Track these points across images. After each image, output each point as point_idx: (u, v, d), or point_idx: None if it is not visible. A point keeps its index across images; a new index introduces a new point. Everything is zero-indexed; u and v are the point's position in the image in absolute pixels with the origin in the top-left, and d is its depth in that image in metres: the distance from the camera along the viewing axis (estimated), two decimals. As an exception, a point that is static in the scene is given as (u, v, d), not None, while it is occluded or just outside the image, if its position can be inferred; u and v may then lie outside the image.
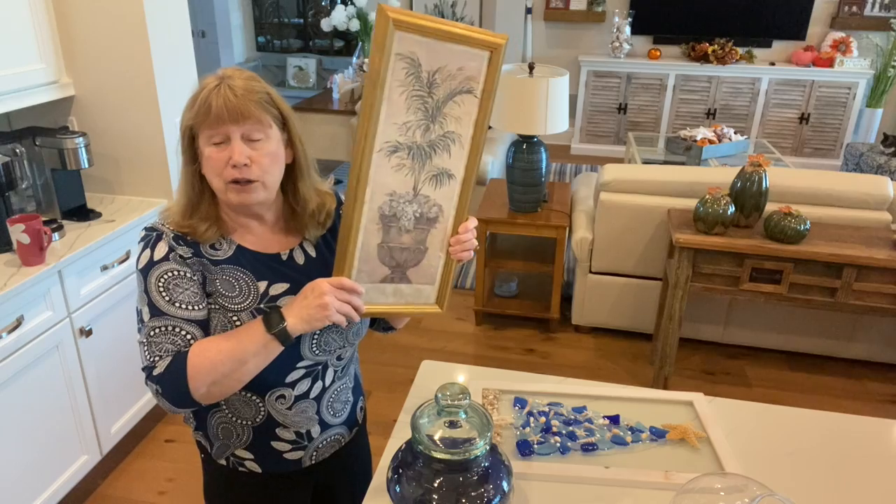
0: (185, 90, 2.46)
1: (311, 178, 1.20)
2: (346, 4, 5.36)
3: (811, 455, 1.31)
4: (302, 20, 7.41)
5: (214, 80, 1.08)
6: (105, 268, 2.20)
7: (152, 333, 1.08)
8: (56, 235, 2.10)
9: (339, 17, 5.05)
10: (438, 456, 1.02)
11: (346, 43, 7.26)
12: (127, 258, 2.29)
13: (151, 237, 1.13)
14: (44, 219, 2.04)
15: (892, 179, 2.89)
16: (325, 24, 5.15)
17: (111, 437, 2.32)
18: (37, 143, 2.21)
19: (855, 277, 2.46)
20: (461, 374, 1.54)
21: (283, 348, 1.07)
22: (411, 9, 6.34)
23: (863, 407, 2.81)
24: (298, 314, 1.05)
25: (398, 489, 1.06)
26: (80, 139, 2.20)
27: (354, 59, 5.36)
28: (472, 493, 1.02)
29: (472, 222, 1.18)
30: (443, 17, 6.34)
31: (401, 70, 1.03)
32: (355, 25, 5.12)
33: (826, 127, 5.84)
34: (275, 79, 7.46)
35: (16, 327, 1.87)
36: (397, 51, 1.01)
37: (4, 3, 2.02)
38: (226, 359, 1.05)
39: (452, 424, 1.05)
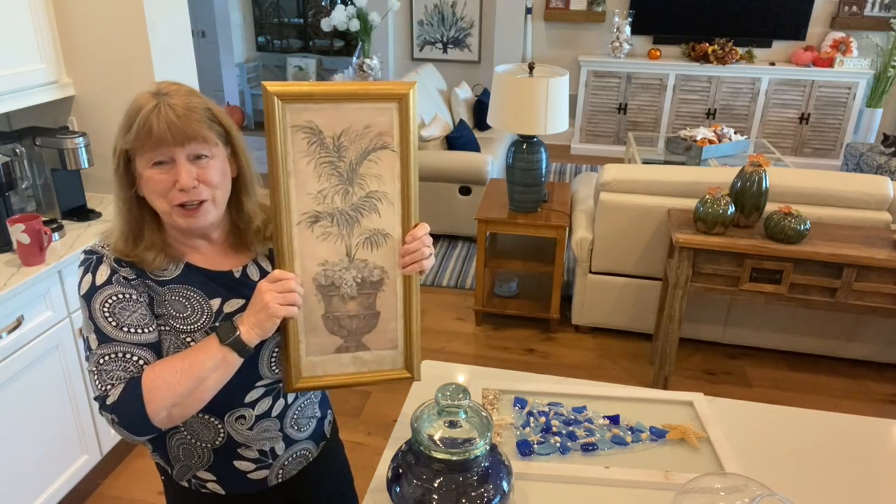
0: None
1: (255, 194, 1.15)
2: (346, 4, 5.36)
3: (811, 455, 1.31)
4: (302, 20, 7.40)
5: (151, 99, 1.01)
6: (105, 268, 2.20)
7: (101, 361, 1.02)
8: (56, 235, 2.10)
9: (339, 17, 5.05)
10: (438, 456, 1.02)
11: (346, 43, 7.26)
12: (127, 258, 2.29)
13: (92, 260, 1.07)
14: (44, 219, 2.04)
15: (892, 179, 2.89)
16: (325, 24, 5.15)
17: (111, 437, 2.32)
18: (37, 143, 2.21)
19: (855, 277, 2.46)
20: (461, 374, 1.54)
21: (241, 360, 1.04)
22: (411, 11, 6.33)
23: (863, 407, 2.81)
24: (249, 322, 1.03)
25: (398, 489, 1.06)
26: (80, 139, 2.20)
27: (354, 59, 5.36)
28: (472, 493, 1.02)
29: (421, 229, 1.11)
30: (443, 17, 6.34)
31: (301, 140, 1.01)
32: (355, 25, 5.12)
33: (826, 127, 5.84)
34: (275, 79, 7.46)
35: (16, 327, 1.87)
36: (292, 123, 1.00)
37: (4, 3, 2.02)
38: (183, 378, 1.00)
39: (452, 424, 1.05)
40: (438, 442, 1.03)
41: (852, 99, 5.69)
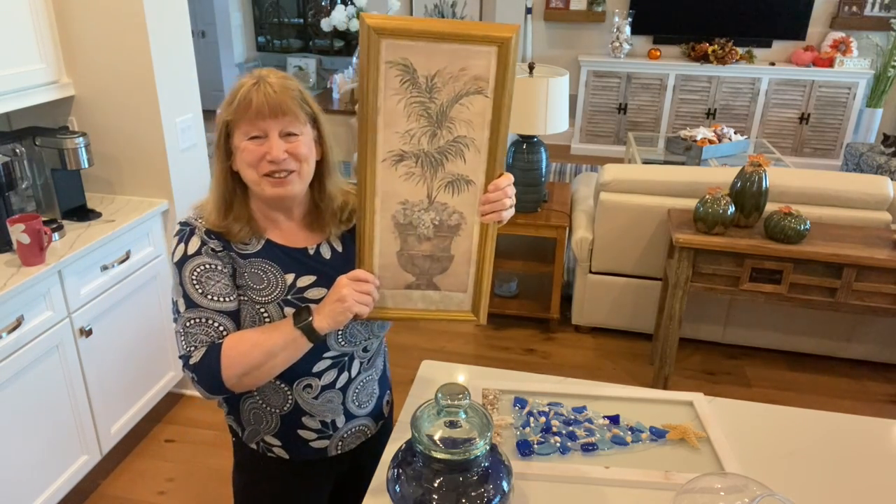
0: (185, 90, 2.46)
1: (336, 177, 1.24)
2: (346, 4, 5.36)
3: (811, 455, 1.31)
4: (302, 20, 7.41)
5: (251, 79, 1.11)
6: (105, 268, 2.20)
7: (188, 324, 1.14)
8: (56, 235, 2.10)
9: (339, 17, 5.05)
10: (438, 456, 1.02)
11: (346, 43, 7.26)
12: (127, 258, 2.29)
13: (185, 232, 1.18)
14: (44, 219, 2.04)
15: (892, 179, 2.89)
16: (325, 24, 5.15)
17: (111, 437, 2.32)
18: (37, 143, 2.20)
19: (855, 277, 2.46)
20: (461, 374, 1.54)
21: (310, 345, 1.12)
22: (411, 10, 6.33)
23: (863, 407, 2.81)
24: (323, 311, 1.11)
25: (398, 489, 1.06)
26: (80, 139, 2.20)
27: (354, 59, 5.36)
28: (472, 493, 1.02)
29: (505, 180, 1.12)
30: (442, 17, 6.34)
31: (394, 78, 0.99)
32: (355, 25, 5.11)
33: (826, 127, 5.84)
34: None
35: (16, 327, 1.87)
36: (387, 59, 0.98)
37: (4, 3, 2.02)
38: (255, 351, 1.11)
39: (452, 424, 1.05)
40: (438, 442, 1.03)
41: (852, 99, 5.69)
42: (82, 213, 2.29)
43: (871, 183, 2.84)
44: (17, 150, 2.17)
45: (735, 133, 4.51)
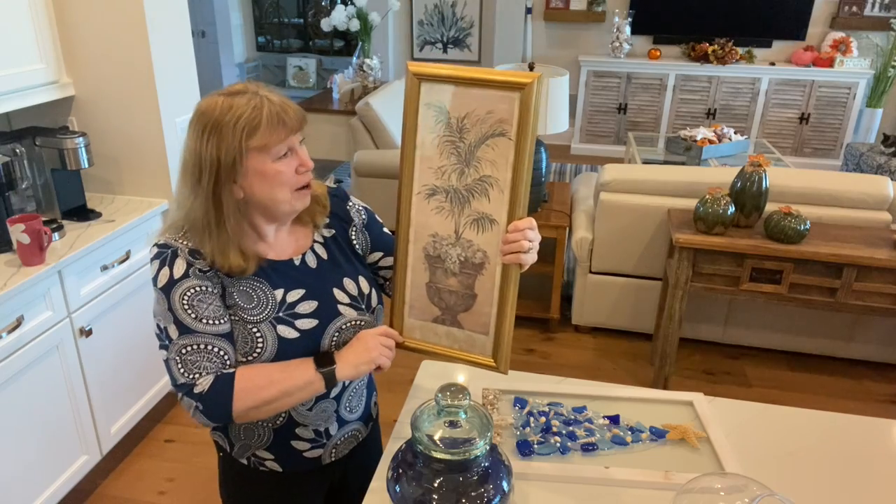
0: (185, 90, 2.46)
1: None
2: (346, 4, 5.36)
3: (811, 455, 1.31)
4: (302, 20, 7.41)
5: (255, 98, 1.06)
6: (105, 268, 2.20)
7: (184, 351, 1.08)
8: (56, 235, 2.10)
9: (339, 17, 5.05)
10: (438, 456, 1.02)
11: (346, 43, 7.26)
12: (127, 258, 2.29)
13: (167, 254, 1.12)
14: (44, 219, 2.04)
15: (892, 179, 2.88)
16: (325, 24, 5.16)
17: (111, 437, 2.32)
18: (37, 143, 2.20)
19: (855, 277, 2.46)
20: (461, 374, 1.54)
21: (325, 390, 1.13)
22: (411, 11, 6.34)
23: (863, 407, 2.81)
24: (347, 360, 1.13)
25: (398, 489, 1.06)
26: (80, 139, 2.20)
27: (354, 59, 5.36)
28: (472, 493, 1.02)
29: (525, 222, 1.11)
30: (443, 17, 6.35)
31: (430, 117, 1.11)
32: (355, 25, 5.12)
33: (826, 127, 5.84)
34: (275, 79, 7.46)
35: (16, 327, 1.87)
36: (425, 101, 1.10)
37: (4, 3, 2.02)
38: (273, 388, 1.09)
39: (452, 424, 1.05)
40: (438, 442, 1.03)
41: (852, 99, 5.69)
42: (82, 213, 2.29)
43: (871, 183, 2.83)
44: (17, 150, 2.17)
45: (735, 133, 4.51)
